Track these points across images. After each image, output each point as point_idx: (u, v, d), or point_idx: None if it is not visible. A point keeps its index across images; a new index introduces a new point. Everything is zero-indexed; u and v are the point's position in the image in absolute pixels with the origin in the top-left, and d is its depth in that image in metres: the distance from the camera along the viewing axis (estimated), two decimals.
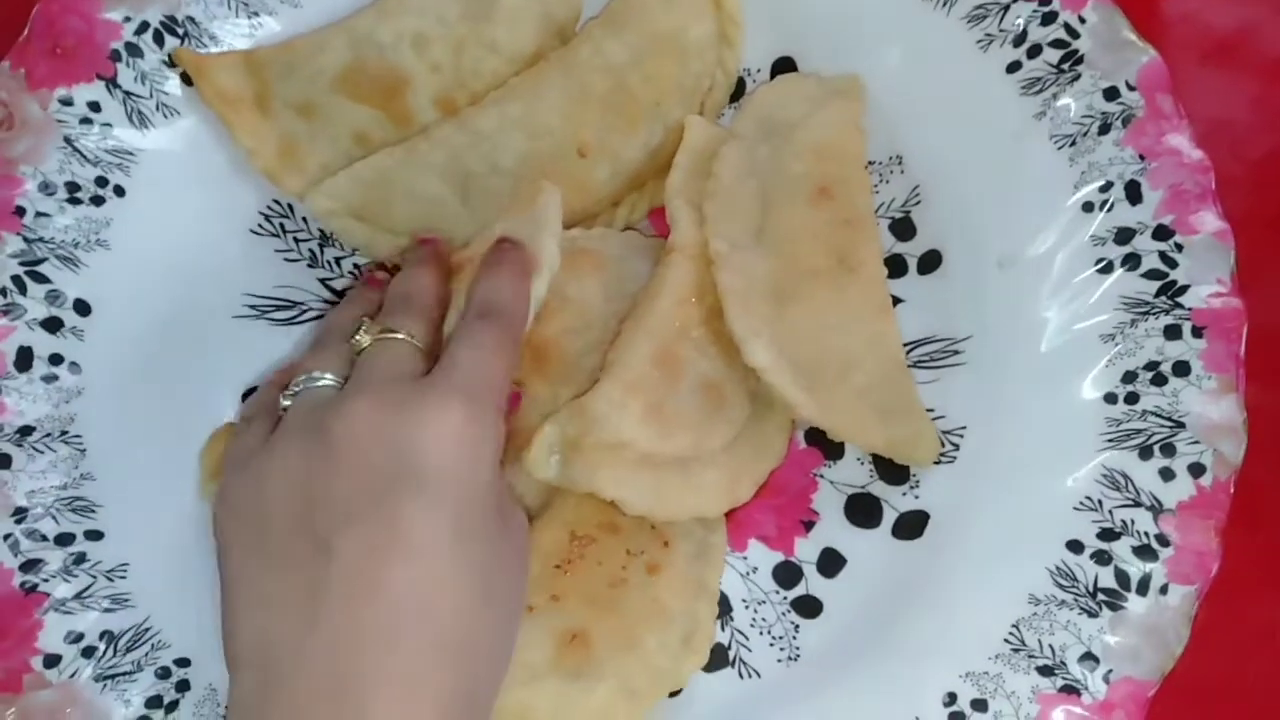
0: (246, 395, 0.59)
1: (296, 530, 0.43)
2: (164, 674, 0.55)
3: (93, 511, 0.56)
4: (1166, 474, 0.53)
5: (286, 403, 0.48)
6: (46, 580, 0.54)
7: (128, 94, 0.58)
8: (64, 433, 0.56)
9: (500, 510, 0.46)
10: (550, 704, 0.52)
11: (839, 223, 0.57)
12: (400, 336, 0.48)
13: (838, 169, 0.58)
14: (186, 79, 0.59)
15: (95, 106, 0.58)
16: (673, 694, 0.55)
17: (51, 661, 0.53)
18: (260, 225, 0.61)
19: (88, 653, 0.54)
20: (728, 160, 0.57)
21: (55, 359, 0.56)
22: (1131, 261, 0.55)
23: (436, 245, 0.56)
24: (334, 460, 0.43)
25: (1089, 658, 0.52)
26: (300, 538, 0.42)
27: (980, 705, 0.53)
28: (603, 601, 0.54)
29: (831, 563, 0.57)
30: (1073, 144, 0.56)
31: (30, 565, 0.54)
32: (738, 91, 0.61)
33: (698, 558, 0.56)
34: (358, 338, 0.49)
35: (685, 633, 0.55)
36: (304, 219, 0.61)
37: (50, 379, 0.56)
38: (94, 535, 0.55)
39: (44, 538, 0.55)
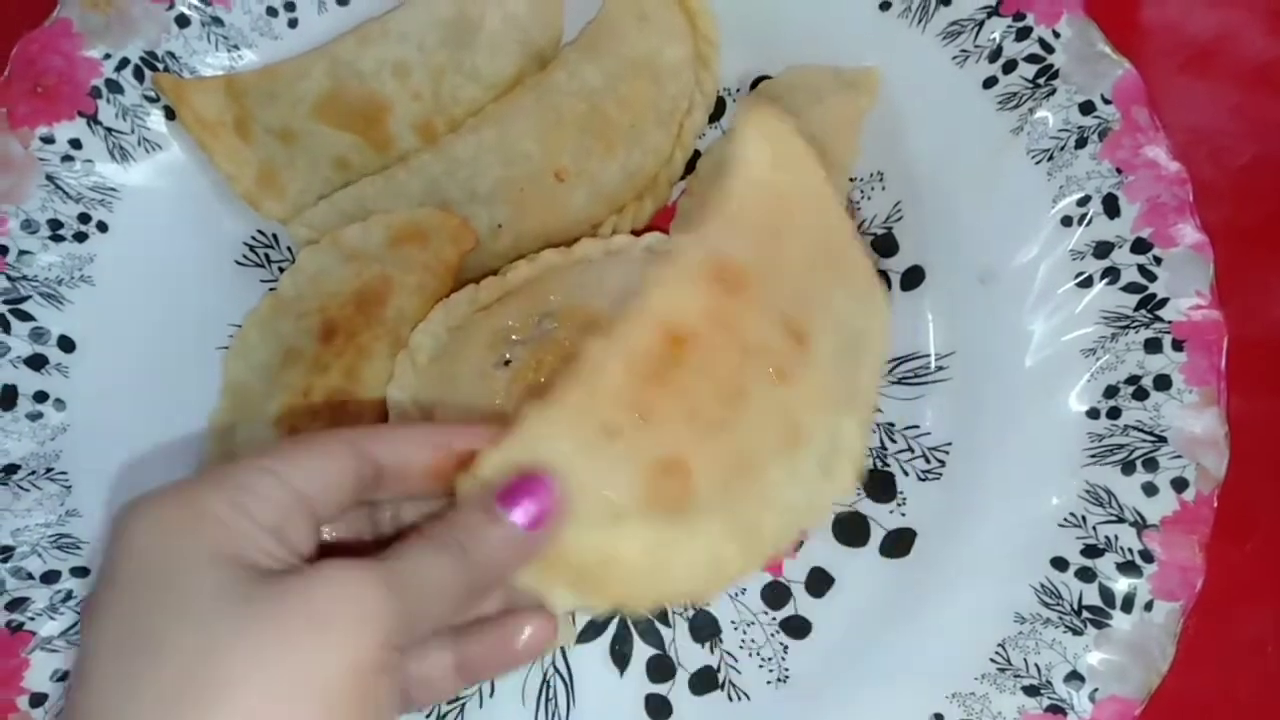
0: None
1: None
2: None
3: (79, 548, 0.56)
4: (1149, 489, 0.53)
5: None
6: (33, 619, 0.54)
7: (109, 130, 0.59)
8: (49, 470, 0.56)
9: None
10: (641, 550, 0.41)
11: None
12: None
13: None
14: (169, 113, 0.59)
15: (77, 144, 0.58)
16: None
17: (38, 701, 0.54)
18: (245, 256, 0.61)
19: None
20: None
21: (40, 396, 0.57)
22: (1111, 275, 0.54)
23: None
24: None
25: (1075, 677, 0.52)
26: None
27: None
28: (709, 421, 0.42)
29: (820, 582, 0.57)
30: (1050, 158, 0.55)
31: (16, 604, 0.54)
32: (717, 112, 0.61)
33: (847, 354, 0.44)
34: None
35: (824, 455, 0.44)
36: (288, 249, 0.61)
37: (35, 416, 0.57)
38: (80, 572, 0.56)
39: (30, 576, 0.55)
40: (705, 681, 0.56)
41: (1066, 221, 0.55)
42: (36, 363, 0.57)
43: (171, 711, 0.33)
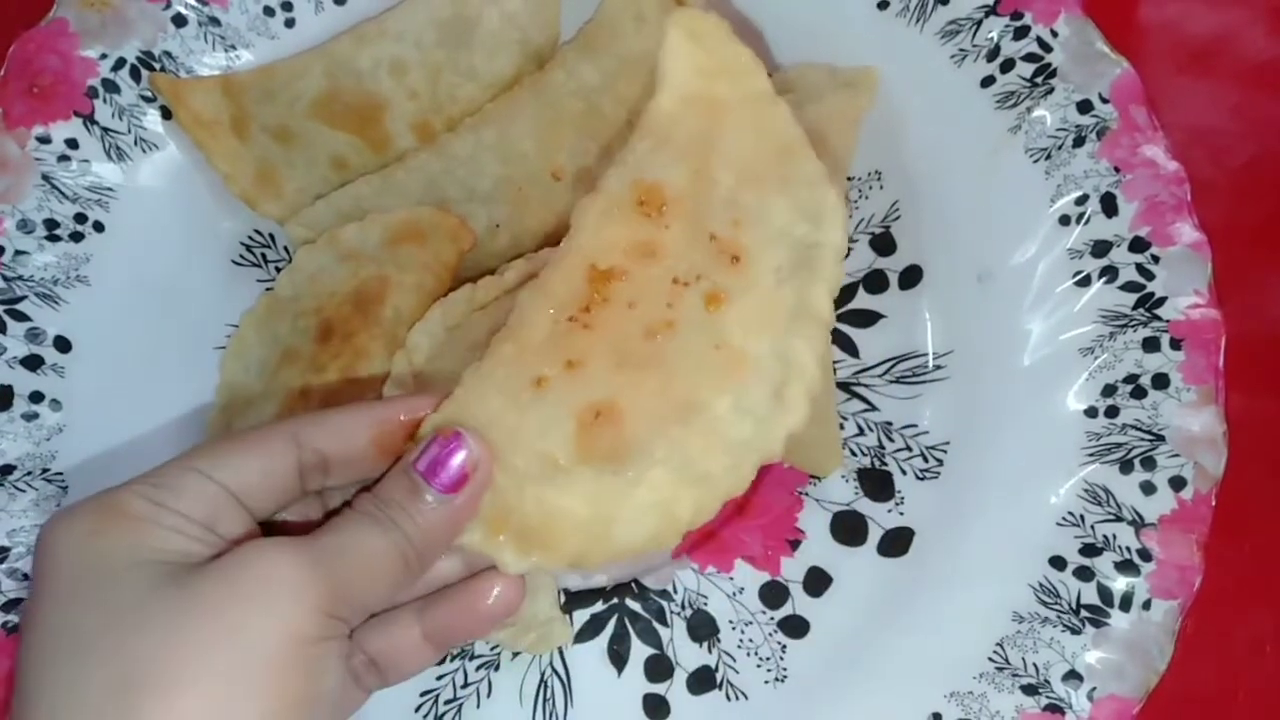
0: None
1: None
2: None
3: None
4: (1147, 488, 0.53)
5: None
6: None
7: (106, 130, 0.59)
8: (45, 470, 0.56)
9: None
10: (584, 503, 0.40)
11: None
12: None
13: None
14: (166, 113, 0.59)
15: (73, 144, 0.58)
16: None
17: None
18: (241, 256, 0.61)
19: None
20: None
21: (36, 397, 0.57)
22: (1109, 274, 0.54)
23: None
24: None
25: (1073, 676, 0.52)
26: None
27: None
28: (637, 360, 0.41)
29: (818, 582, 0.57)
30: (1048, 157, 0.55)
31: (12, 605, 0.54)
32: None
33: (795, 269, 0.41)
34: None
35: (776, 382, 0.40)
36: (285, 248, 0.61)
37: (31, 417, 0.56)
38: None
39: (25, 577, 0.54)
40: (703, 681, 0.56)
41: (1064, 220, 0.55)
42: (32, 363, 0.57)
43: (112, 710, 0.34)
